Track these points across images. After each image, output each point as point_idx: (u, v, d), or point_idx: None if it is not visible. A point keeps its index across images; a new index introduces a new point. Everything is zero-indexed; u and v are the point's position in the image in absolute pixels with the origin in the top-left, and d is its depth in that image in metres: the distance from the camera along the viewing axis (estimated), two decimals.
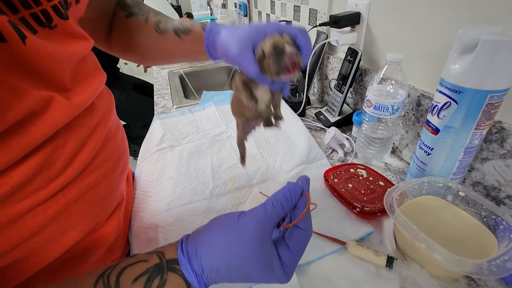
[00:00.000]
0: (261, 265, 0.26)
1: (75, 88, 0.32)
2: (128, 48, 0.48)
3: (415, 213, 0.41)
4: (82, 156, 0.32)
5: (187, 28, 0.43)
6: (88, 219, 0.34)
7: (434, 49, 0.50)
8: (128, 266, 0.26)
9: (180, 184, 0.58)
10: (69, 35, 0.31)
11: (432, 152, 0.44)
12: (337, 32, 0.68)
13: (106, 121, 0.38)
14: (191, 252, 0.27)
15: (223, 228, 0.27)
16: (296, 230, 0.28)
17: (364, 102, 0.56)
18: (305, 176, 0.31)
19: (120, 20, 0.47)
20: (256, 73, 0.33)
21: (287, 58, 0.31)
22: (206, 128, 0.78)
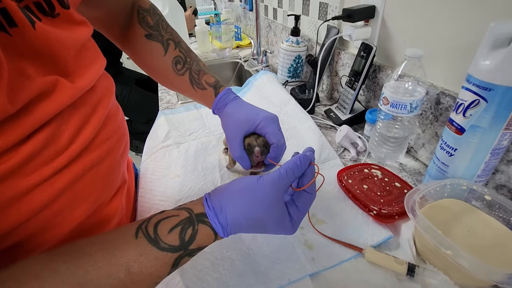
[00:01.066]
0: (275, 220, 0.31)
1: (78, 71, 0.33)
2: (139, 61, 0.50)
3: (437, 217, 0.39)
4: (85, 132, 0.33)
5: (202, 84, 0.48)
6: (93, 196, 0.36)
7: (458, 44, 0.47)
8: (161, 220, 0.29)
9: (187, 182, 0.56)
10: (71, 22, 0.32)
11: (455, 153, 0.42)
12: (350, 27, 0.66)
13: (107, 100, 0.39)
14: (217, 208, 0.30)
15: (244, 189, 0.31)
16: (304, 193, 0.33)
17: (380, 100, 0.54)
18: (310, 148, 0.35)
19: (138, 36, 0.47)
20: (235, 155, 0.43)
21: (254, 156, 0.42)
22: (212, 124, 0.76)
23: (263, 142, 0.43)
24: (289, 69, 0.94)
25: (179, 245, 0.28)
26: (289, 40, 0.90)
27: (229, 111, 0.46)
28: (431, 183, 0.41)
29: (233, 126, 0.44)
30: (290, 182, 0.31)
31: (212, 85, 0.49)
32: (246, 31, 1.65)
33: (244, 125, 0.43)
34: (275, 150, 0.42)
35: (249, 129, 0.43)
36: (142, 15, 0.47)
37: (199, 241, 0.29)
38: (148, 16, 0.47)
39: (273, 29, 1.23)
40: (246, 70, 1.16)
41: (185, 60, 0.49)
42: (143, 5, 0.48)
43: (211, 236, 0.30)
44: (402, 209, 0.46)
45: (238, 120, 0.44)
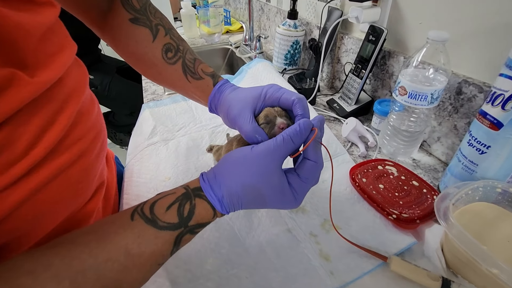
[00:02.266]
0: (273, 189, 0.28)
1: (41, 62, 0.28)
2: (121, 48, 0.43)
3: (471, 225, 0.34)
4: (50, 134, 0.29)
5: (198, 73, 0.42)
6: (60, 205, 0.32)
7: (489, 25, 0.42)
8: (157, 200, 0.28)
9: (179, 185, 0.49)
10: (31, 2, 0.27)
11: (487, 151, 0.37)
12: (357, 8, 0.59)
13: (79, 94, 0.34)
14: (212, 181, 0.29)
15: (238, 158, 0.29)
16: (306, 161, 0.29)
17: (395, 89, 0.48)
18: (320, 116, 0.32)
19: (120, 20, 0.40)
20: (247, 132, 0.33)
21: (277, 128, 0.33)
22: (203, 118, 0.68)
23: (283, 112, 0.34)
24: (285, 56, 0.86)
25: (178, 222, 0.27)
26: (286, 23, 0.82)
27: (229, 96, 0.38)
28: (462, 186, 0.36)
29: (237, 105, 0.36)
30: (288, 150, 0.28)
31: (209, 74, 0.42)
32: (235, 15, 1.55)
33: (249, 99, 0.35)
34: (300, 107, 0.32)
35: (255, 101, 0.35)
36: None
37: (198, 217, 0.28)
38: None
39: (266, 13, 1.14)
40: (238, 57, 1.07)
41: (177, 48, 0.42)
42: None
43: (209, 211, 0.29)
44: (424, 212, 0.41)
45: (241, 98, 0.36)
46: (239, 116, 0.35)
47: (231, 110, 0.36)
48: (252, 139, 0.33)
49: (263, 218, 0.44)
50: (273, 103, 0.35)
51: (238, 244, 0.40)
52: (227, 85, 0.41)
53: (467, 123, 0.47)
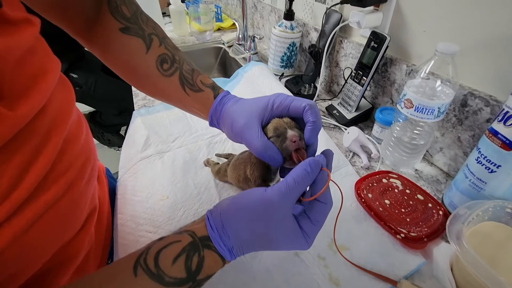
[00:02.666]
0: (285, 236, 0.27)
1: (20, 89, 0.25)
2: (112, 60, 0.39)
3: (481, 247, 0.34)
4: (34, 171, 0.26)
5: (197, 85, 0.39)
6: (48, 242, 0.30)
7: (495, 37, 0.41)
8: (162, 248, 0.26)
9: (178, 205, 0.47)
10: (6, 23, 0.23)
11: (498, 170, 0.36)
12: (359, 12, 0.57)
13: (64, 120, 0.31)
14: (220, 229, 0.27)
15: (248, 204, 0.27)
16: (316, 203, 0.28)
17: (400, 101, 0.47)
18: (328, 150, 0.31)
19: (110, 30, 0.36)
20: (257, 147, 0.31)
21: (289, 144, 0.30)
22: (199, 127, 0.66)
23: (293, 123, 0.32)
24: (282, 58, 0.84)
25: (186, 277, 0.25)
26: (283, 24, 0.79)
27: (232, 108, 0.36)
28: (471, 206, 0.36)
29: (242, 117, 0.33)
30: (299, 192, 0.27)
31: (209, 86, 0.39)
32: (226, 11, 1.50)
33: (255, 110, 0.33)
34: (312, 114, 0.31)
35: (262, 112, 0.33)
36: (115, 4, 0.36)
37: (207, 269, 0.26)
38: (123, 6, 0.37)
39: (259, 10, 1.10)
40: (232, 57, 1.04)
41: (173, 59, 0.39)
42: None
43: (219, 262, 0.27)
44: (431, 229, 0.41)
45: (246, 109, 0.34)
46: (246, 128, 0.32)
47: (236, 122, 0.34)
48: (263, 155, 0.31)
49: None
50: (281, 112, 0.33)
51: (244, 269, 0.39)
52: (229, 97, 0.38)
53: (471, 136, 0.46)
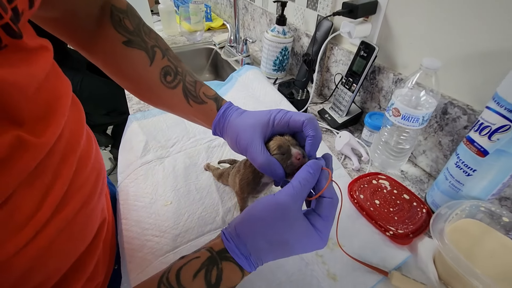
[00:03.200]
0: (299, 236, 0.28)
1: (39, 117, 0.26)
2: (115, 72, 0.40)
3: (459, 242, 0.39)
4: (54, 191, 0.27)
5: (200, 97, 0.40)
6: (67, 254, 0.31)
7: (475, 53, 0.45)
8: (182, 266, 0.27)
9: (182, 210, 0.49)
10: (24, 51, 0.24)
11: (473, 174, 0.41)
12: (350, 23, 0.60)
13: (78, 140, 0.32)
14: (236, 239, 0.29)
15: (260, 210, 0.29)
16: (323, 199, 0.30)
17: (389, 109, 0.51)
18: (328, 154, 0.33)
19: (113, 43, 0.37)
20: (261, 163, 0.33)
21: (294, 160, 0.33)
22: (197, 131, 0.67)
23: (294, 140, 0.34)
24: (274, 62, 0.86)
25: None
26: (275, 30, 0.81)
27: (235, 121, 0.38)
28: (451, 206, 0.40)
29: (246, 132, 0.35)
30: (305, 193, 0.29)
31: (212, 98, 0.41)
32: (216, 10, 1.50)
33: (258, 126, 0.35)
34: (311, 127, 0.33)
35: (265, 128, 0.35)
36: (118, 17, 0.36)
37: (227, 281, 0.27)
38: (126, 19, 0.37)
39: (250, 12, 1.11)
40: (223, 59, 1.05)
41: (176, 71, 0.40)
42: (118, 5, 0.37)
43: (238, 273, 0.28)
44: (416, 227, 0.45)
45: (250, 124, 0.36)
46: (250, 145, 0.34)
47: (241, 138, 0.36)
48: (266, 170, 0.33)
49: None
50: (282, 128, 0.35)
51: None
52: (232, 109, 0.40)
53: (450, 140, 0.51)
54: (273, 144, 0.34)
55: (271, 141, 0.35)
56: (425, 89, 0.47)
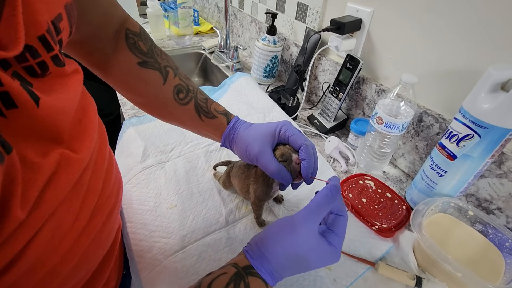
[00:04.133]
0: (317, 253, 0.31)
1: (77, 134, 0.28)
2: (130, 91, 0.42)
3: (435, 233, 0.45)
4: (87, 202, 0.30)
5: (211, 112, 0.44)
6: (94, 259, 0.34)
7: (444, 70, 0.52)
8: (212, 281, 0.30)
9: (187, 213, 0.52)
10: (64, 76, 0.26)
11: (445, 175, 0.48)
12: (337, 38, 0.66)
13: (104, 153, 0.35)
14: (259, 257, 0.31)
15: (280, 229, 0.32)
16: (338, 217, 0.33)
17: (373, 117, 0.57)
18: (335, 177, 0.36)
19: (128, 64, 0.39)
20: (273, 171, 0.38)
21: (294, 165, 0.38)
22: (194, 136, 0.70)
23: (293, 148, 0.40)
24: (265, 69, 0.91)
25: None
26: (266, 39, 0.86)
27: (244, 133, 0.42)
28: (428, 202, 0.47)
29: (256, 142, 0.40)
30: (323, 214, 0.32)
31: (222, 113, 0.45)
32: (203, 14, 1.51)
33: (266, 137, 0.40)
34: (305, 154, 0.38)
35: (272, 138, 0.40)
36: (133, 40, 0.39)
37: None
38: (140, 41, 0.39)
39: (239, 19, 1.15)
40: (213, 64, 1.08)
41: (188, 89, 0.43)
42: (133, 29, 0.39)
43: (263, 287, 0.30)
44: (398, 221, 0.51)
45: (258, 135, 0.40)
46: (261, 154, 0.39)
47: (252, 148, 0.40)
48: (277, 176, 0.38)
49: None
50: (284, 140, 0.41)
51: None
52: (240, 122, 0.44)
53: (425, 145, 0.58)
54: (278, 152, 0.39)
55: (276, 150, 0.40)
56: (404, 100, 0.53)
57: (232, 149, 0.45)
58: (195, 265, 0.44)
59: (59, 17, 0.24)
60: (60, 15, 0.24)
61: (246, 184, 0.47)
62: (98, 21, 0.36)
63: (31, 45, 0.21)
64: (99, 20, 0.36)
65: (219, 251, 0.46)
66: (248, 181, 0.47)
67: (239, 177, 0.49)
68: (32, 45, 0.21)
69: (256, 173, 0.45)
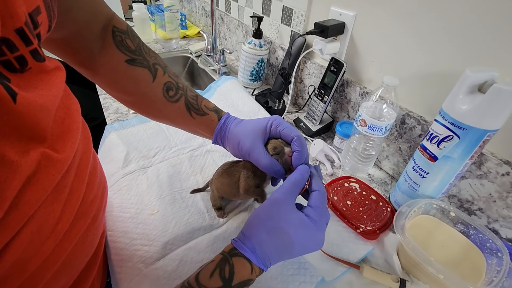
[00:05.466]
0: (294, 225, 0.31)
1: (58, 134, 0.27)
2: (119, 90, 0.41)
3: (417, 235, 0.45)
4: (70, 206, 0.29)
5: (202, 109, 0.43)
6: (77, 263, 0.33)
7: (424, 73, 0.53)
8: (200, 270, 0.31)
9: (169, 219, 0.50)
10: (44, 73, 0.25)
11: (427, 176, 0.48)
12: (321, 41, 0.66)
13: (87, 155, 0.34)
14: (242, 238, 0.32)
15: (261, 209, 0.33)
16: (312, 193, 0.35)
17: (357, 120, 0.57)
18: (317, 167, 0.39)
19: (116, 61, 0.38)
20: (266, 164, 0.38)
21: (287, 158, 0.39)
22: (178, 140, 0.69)
23: (285, 142, 0.40)
24: (251, 72, 0.90)
25: (222, 285, 0.29)
26: (252, 42, 0.86)
27: (236, 129, 0.42)
28: (411, 204, 0.47)
29: (248, 138, 0.40)
30: (296, 190, 0.34)
31: (213, 110, 0.44)
32: (191, 18, 1.51)
33: (258, 132, 0.40)
34: (298, 145, 0.38)
35: (263, 133, 0.40)
36: (120, 37, 0.38)
37: (238, 275, 0.30)
38: (128, 39, 0.39)
39: (226, 23, 1.15)
40: (200, 67, 1.07)
41: (178, 86, 0.42)
42: (120, 26, 0.39)
43: (247, 266, 0.31)
44: (382, 223, 0.51)
45: (250, 130, 0.41)
46: (253, 149, 0.39)
47: (243, 144, 0.40)
48: (269, 170, 0.38)
49: None
50: (276, 134, 0.41)
51: None
52: (231, 119, 0.44)
53: (408, 147, 0.59)
54: (270, 146, 0.39)
55: (268, 144, 0.40)
56: (386, 103, 0.54)
57: (224, 145, 0.45)
58: (177, 270, 0.43)
59: (37, 10, 0.23)
60: (38, 8, 0.23)
61: (234, 178, 0.45)
62: (84, 19, 0.35)
63: (8, 38, 0.20)
64: (84, 17, 0.35)
65: (201, 252, 0.45)
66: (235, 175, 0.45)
67: (225, 172, 0.47)
68: (9, 38, 0.20)
69: (245, 165, 0.44)
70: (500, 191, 0.46)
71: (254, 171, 0.43)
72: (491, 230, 0.49)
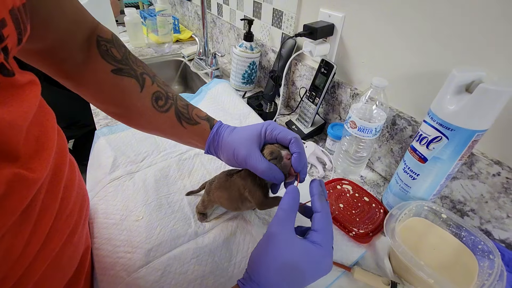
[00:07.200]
0: (301, 255, 0.29)
1: (30, 152, 0.26)
2: (105, 101, 0.39)
3: (408, 238, 0.44)
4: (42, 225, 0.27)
5: (193, 119, 0.42)
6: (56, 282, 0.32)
7: (414, 74, 0.52)
8: None
9: (154, 225, 0.49)
10: (15, 88, 0.24)
11: (417, 178, 0.47)
12: (311, 43, 0.66)
13: (62, 168, 0.32)
14: (249, 281, 0.30)
15: (260, 251, 0.31)
16: (314, 215, 0.33)
17: (347, 122, 0.57)
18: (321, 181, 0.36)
19: (102, 72, 0.37)
20: (264, 170, 0.36)
21: (285, 161, 0.37)
22: (167, 145, 0.68)
23: (281, 146, 0.39)
24: (243, 75, 0.90)
25: None
26: (243, 45, 0.85)
27: (229, 137, 0.41)
28: (401, 206, 0.46)
29: (243, 145, 0.39)
30: (292, 215, 0.31)
31: (205, 119, 0.43)
32: (184, 22, 1.51)
33: (253, 138, 0.39)
34: (297, 146, 0.37)
35: (258, 139, 0.39)
36: (105, 46, 0.37)
37: None
38: (113, 48, 0.37)
39: (218, 26, 1.14)
40: (193, 71, 1.06)
41: (167, 95, 0.41)
42: (104, 35, 0.37)
43: None
44: (375, 226, 0.50)
45: (244, 138, 0.39)
46: (249, 156, 0.38)
47: (239, 152, 0.39)
48: (268, 176, 0.37)
49: (240, 246, 0.48)
50: (271, 139, 0.40)
51: (223, 274, 0.43)
52: (223, 127, 0.43)
53: (400, 148, 0.58)
54: (266, 151, 0.38)
55: (264, 150, 0.39)
56: (376, 104, 0.53)
57: (217, 155, 0.43)
58: (160, 280, 0.41)
59: (1, 23, 0.21)
60: (3, 21, 0.22)
61: (236, 191, 0.43)
62: (66, 28, 0.34)
63: None
64: (66, 27, 0.34)
65: (185, 263, 0.44)
66: (236, 188, 0.43)
67: (222, 187, 0.45)
68: None
69: (241, 175, 0.42)
70: (491, 192, 0.45)
71: (253, 181, 0.41)
72: (484, 231, 0.48)
